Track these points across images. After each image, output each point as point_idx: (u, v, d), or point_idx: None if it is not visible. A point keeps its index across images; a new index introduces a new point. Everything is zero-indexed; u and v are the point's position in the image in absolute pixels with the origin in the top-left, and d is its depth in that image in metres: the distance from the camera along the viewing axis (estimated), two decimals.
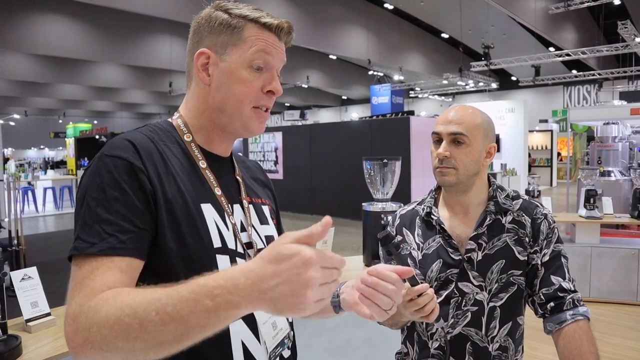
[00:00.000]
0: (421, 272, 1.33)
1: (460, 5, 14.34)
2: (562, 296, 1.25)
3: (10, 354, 1.48)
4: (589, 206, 4.62)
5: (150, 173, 0.82)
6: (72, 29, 13.28)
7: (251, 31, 0.90)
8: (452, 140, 1.29)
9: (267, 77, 0.92)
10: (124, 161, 0.81)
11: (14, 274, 1.73)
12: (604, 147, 6.59)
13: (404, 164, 8.45)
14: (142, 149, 0.84)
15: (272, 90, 0.92)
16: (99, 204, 0.78)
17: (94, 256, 0.74)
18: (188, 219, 0.84)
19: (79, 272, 0.74)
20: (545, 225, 1.31)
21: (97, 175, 0.80)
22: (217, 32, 0.90)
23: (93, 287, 0.71)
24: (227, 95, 0.90)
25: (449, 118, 1.31)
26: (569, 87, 21.52)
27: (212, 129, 0.95)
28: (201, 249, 0.84)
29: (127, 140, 0.84)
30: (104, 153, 0.82)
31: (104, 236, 0.76)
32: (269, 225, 1.03)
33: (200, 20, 0.93)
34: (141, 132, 0.89)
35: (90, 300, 0.69)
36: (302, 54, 18.78)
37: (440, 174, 1.31)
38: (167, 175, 0.84)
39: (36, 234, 9.28)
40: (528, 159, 14.99)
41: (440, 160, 1.29)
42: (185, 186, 0.86)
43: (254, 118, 0.92)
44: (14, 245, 5.16)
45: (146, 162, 0.82)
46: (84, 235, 0.76)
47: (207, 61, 0.91)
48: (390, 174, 2.65)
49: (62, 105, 27.91)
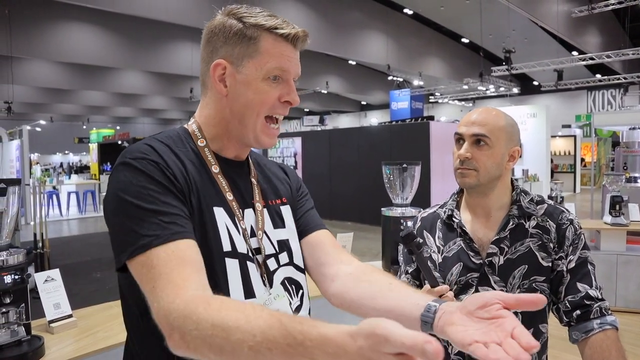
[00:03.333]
0: (441, 275, 1.31)
1: (481, 9, 14.21)
2: (589, 304, 1.21)
3: (34, 354, 1.51)
4: (615, 213, 4.51)
5: (176, 173, 0.85)
6: (97, 37, 13.60)
7: (267, 43, 0.89)
8: (474, 141, 1.27)
9: (284, 87, 0.92)
10: (150, 161, 0.83)
11: (38, 275, 1.76)
12: (630, 152, 6.45)
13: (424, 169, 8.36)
14: (162, 153, 0.86)
15: (288, 100, 0.92)
16: (145, 200, 0.79)
17: (160, 246, 0.76)
18: (201, 221, 0.85)
19: (153, 269, 0.75)
20: (571, 231, 1.28)
21: (130, 177, 0.81)
22: (233, 43, 0.89)
23: (175, 282, 0.73)
24: (244, 106, 0.91)
25: (472, 119, 1.29)
26: (593, 91, 21.12)
27: (228, 139, 0.96)
28: (211, 252, 0.85)
29: (147, 144, 0.87)
30: (128, 158, 0.83)
31: (164, 225, 0.77)
32: (284, 228, 1.02)
33: (213, 28, 0.92)
34: (157, 139, 0.91)
35: (179, 295, 0.71)
36: (322, 60, 18.84)
37: (460, 175, 1.29)
38: (183, 176, 0.86)
39: (60, 237, 9.47)
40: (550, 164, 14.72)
41: (461, 162, 1.28)
42: (199, 190, 0.88)
43: (266, 131, 0.93)
44: (38, 248, 5.27)
45: (169, 164, 0.85)
46: (142, 231, 0.77)
47: (224, 72, 0.91)
48: (410, 179, 2.63)
49: (86, 111, 28.52)
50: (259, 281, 0.90)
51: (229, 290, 0.85)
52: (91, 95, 23.42)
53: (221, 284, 0.85)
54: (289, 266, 0.99)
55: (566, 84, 17.76)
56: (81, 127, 31.51)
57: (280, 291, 0.94)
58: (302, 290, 1.00)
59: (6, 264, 1.47)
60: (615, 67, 17.61)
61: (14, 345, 1.50)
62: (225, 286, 0.85)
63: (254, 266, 0.90)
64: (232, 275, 0.86)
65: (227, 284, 0.85)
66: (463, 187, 1.34)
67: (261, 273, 0.92)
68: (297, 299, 0.98)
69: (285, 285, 0.96)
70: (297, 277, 0.99)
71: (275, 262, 0.96)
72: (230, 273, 0.86)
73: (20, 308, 1.52)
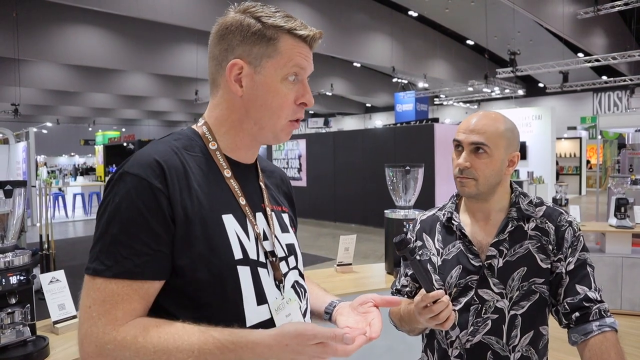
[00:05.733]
0: (440, 278, 1.31)
1: (486, 11, 14.19)
2: (588, 306, 1.21)
3: (39, 355, 1.52)
4: (620, 215, 4.49)
5: (171, 192, 0.81)
6: (103, 40, 13.69)
7: (287, 44, 0.88)
8: (472, 149, 1.26)
9: (299, 88, 0.92)
10: (143, 181, 0.80)
11: (43, 276, 1.78)
12: (636, 154, 6.43)
13: (428, 171, 8.38)
14: (165, 164, 0.83)
15: (304, 102, 0.93)
16: (115, 225, 0.79)
17: (112, 279, 0.77)
18: (207, 233, 0.83)
19: (97, 292, 0.78)
20: (570, 232, 1.27)
21: (116, 195, 0.81)
22: (251, 43, 0.87)
23: (115, 315, 0.76)
24: (262, 107, 0.89)
25: (470, 126, 1.26)
26: (599, 93, 21.01)
27: (241, 138, 0.94)
28: (221, 262, 0.84)
29: (150, 156, 0.83)
30: (126, 170, 0.82)
31: (119, 259, 0.78)
32: (289, 233, 1.03)
33: (229, 26, 0.89)
34: (165, 143, 0.88)
35: (116, 329, 0.75)
36: (327, 62, 18.86)
37: (460, 184, 1.28)
38: (188, 190, 0.83)
39: (66, 239, 9.53)
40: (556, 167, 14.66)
41: (461, 170, 1.27)
42: (206, 199, 0.85)
43: (286, 129, 0.93)
44: (44, 249, 5.30)
45: (168, 179, 0.82)
46: (101, 257, 0.78)
47: (240, 72, 0.88)
48: (413, 181, 2.63)
49: (92, 113, 28.70)
50: (270, 286, 0.90)
51: (242, 299, 0.85)
52: (97, 97, 23.56)
53: (233, 293, 0.84)
54: (295, 270, 1.00)
55: (572, 86, 17.67)
56: (87, 129, 31.69)
57: (292, 295, 0.94)
58: (307, 295, 1.02)
59: (12, 265, 1.48)
60: (621, 68, 17.53)
61: (19, 345, 1.52)
62: (238, 295, 0.84)
63: (265, 272, 0.90)
64: (245, 284, 0.85)
65: (239, 293, 0.84)
66: (463, 195, 1.33)
67: (276, 276, 0.92)
68: (305, 303, 0.99)
69: (295, 288, 0.96)
70: (301, 281, 1.01)
71: (286, 265, 0.97)
72: (243, 281, 0.85)
73: (25, 309, 1.53)
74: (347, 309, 1.02)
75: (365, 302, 0.98)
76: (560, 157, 18.08)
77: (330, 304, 1.07)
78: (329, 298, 1.10)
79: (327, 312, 1.06)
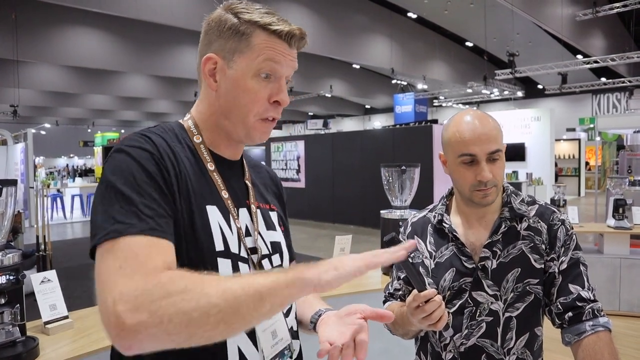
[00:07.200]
0: (434, 281, 1.29)
1: (485, 13, 14.19)
2: (581, 306, 1.19)
3: (28, 355, 1.51)
4: (618, 216, 4.48)
5: (168, 167, 0.81)
6: (102, 41, 13.67)
7: (259, 38, 0.87)
8: (489, 158, 1.20)
9: (274, 86, 0.89)
10: (145, 152, 0.80)
11: (34, 276, 1.77)
12: (635, 155, 6.43)
13: (427, 172, 8.37)
14: (159, 145, 0.83)
15: (278, 100, 0.90)
16: (131, 188, 0.75)
17: (135, 236, 0.70)
18: (192, 220, 0.82)
19: (127, 250, 0.69)
20: (562, 231, 1.25)
21: (122, 163, 0.78)
22: (226, 37, 0.88)
23: (155, 265, 0.68)
24: (232, 103, 0.89)
25: (478, 135, 1.19)
26: (598, 95, 21.02)
27: (218, 133, 0.94)
28: (202, 252, 0.82)
29: (144, 135, 0.84)
30: (124, 145, 0.81)
31: (142, 217, 0.73)
32: (275, 231, 1.01)
33: (210, 22, 0.91)
34: (154, 132, 0.88)
35: (157, 276, 0.66)
36: (326, 64, 18.84)
37: (483, 196, 1.21)
38: (179, 172, 0.83)
39: (64, 240, 9.49)
40: (555, 168, 14.66)
41: (484, 183, 1.19)
42: (192, 188, 0.85)
43: (258, 128, 0.91)
44: (41, 250, 5.29)
45: (163, 156, 0.82)
46: (120, 217, 0.72)
47: (215, 67, 0.89)
48: (409, 181, 2.62)
49: (91, 114, 28.67)
50: None
51: None
52: (96, 98, 23.54)
53: None
54: (280, 268, 0.98)
55: (570, 87, 17.68)
56: (86, 130, 31.68)
57: None
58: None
59: (1, 264, 1.47)
60: (620, 70, 17.52)
61: (8, 345, 1.51)
62: None
63: (246, 267, 0.89)
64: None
65: None
66: (482, 205, 1.26)
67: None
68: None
69: None
70: None
71: (269, 263, 0.96)
72: (223, 274, 0.83)
73: (15, 309, 1.52)
74: (332, 319, 0.93)
75: (353, 312, 0.90)
76: (559, 158, 18.09)
77: (317, 312, 1.00)
78: (318, 306, 1.03)
79: (312, 322, 0.99)
